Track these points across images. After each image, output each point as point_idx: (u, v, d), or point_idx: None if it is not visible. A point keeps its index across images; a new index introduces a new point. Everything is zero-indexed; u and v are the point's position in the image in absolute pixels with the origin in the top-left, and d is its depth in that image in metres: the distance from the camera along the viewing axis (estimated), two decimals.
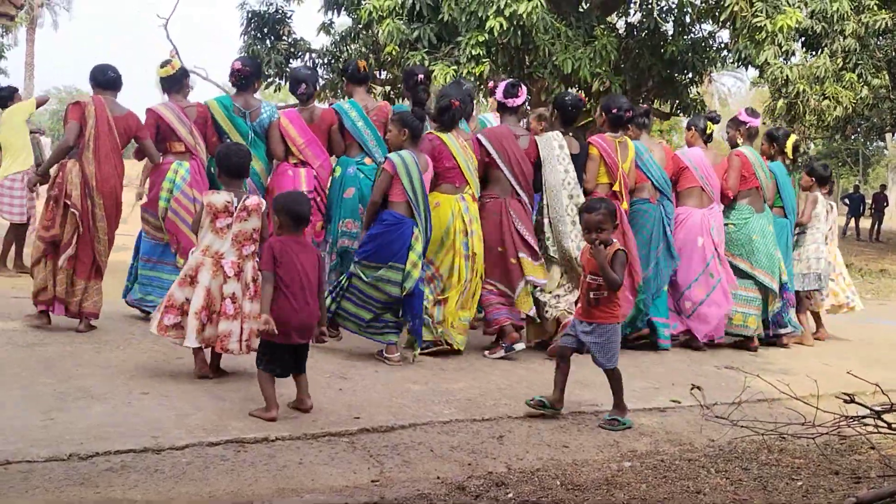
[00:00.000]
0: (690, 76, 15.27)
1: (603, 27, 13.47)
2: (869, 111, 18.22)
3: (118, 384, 4.57)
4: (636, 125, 7.07)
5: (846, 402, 4.14)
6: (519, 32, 12.00)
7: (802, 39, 14.30)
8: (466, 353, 6.06)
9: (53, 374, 4.68)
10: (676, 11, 14.73)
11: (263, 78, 15.08)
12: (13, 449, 3.48)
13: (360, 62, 6.76)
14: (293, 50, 15.71)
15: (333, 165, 6.51)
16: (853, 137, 29.53)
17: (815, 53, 14.58)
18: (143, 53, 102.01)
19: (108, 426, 3.85)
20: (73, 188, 5.66)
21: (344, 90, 6.90)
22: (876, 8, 14.17)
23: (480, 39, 12.01)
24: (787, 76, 12.94)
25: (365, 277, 5.51)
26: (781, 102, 14.49)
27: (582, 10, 14.53)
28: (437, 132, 6.05)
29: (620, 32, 15.17)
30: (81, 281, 5.74)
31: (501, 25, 11.74)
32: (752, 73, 15.02)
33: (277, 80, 15.67)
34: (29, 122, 9.29)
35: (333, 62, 15.79)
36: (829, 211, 8.07)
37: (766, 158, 7.67)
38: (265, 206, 4.85)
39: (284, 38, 15.70)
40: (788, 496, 3.58)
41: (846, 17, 13.35)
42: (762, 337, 7.38)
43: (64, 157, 5.77)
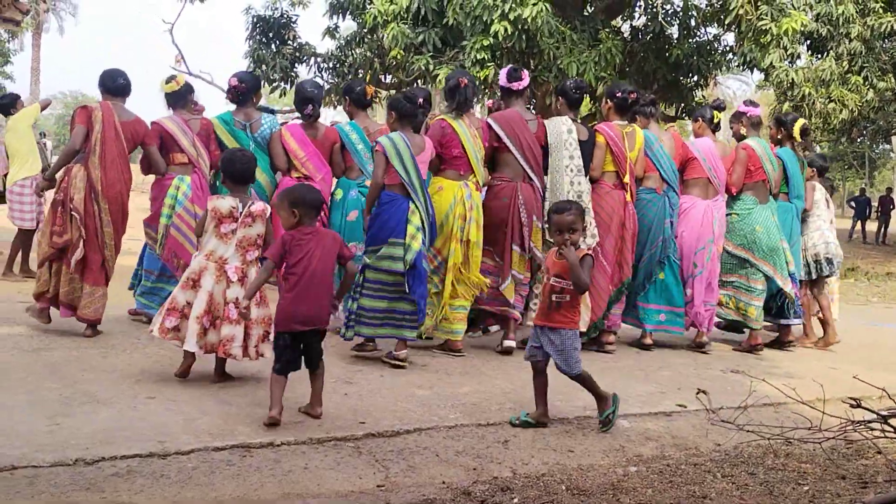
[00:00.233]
0: (695, 79, 15.27)
1: (608, 31, 13.46)
2: (875, 114, 18.20)
3: (124, 389, 4.58)
4: (643, 115, 7.07)
5: (853, 406, 4.13)
6: (524, 36, 12.02)
7: (808, 42, 14.28)
8: (471, 357, 6.07)
9: (59, 378, 4.69)
10: (681, 15, 14.75)
11: (268, 82, 15.13)
12: (19, 454, 3.48)
13: (368, 87, 6.74)
14: (298, 54, 15.74)
15: (334, 186, 6.53)
16: (859, 140, 29.50)
17: (820, 56, 14.56)
18: (143, 54, 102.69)
19: (114, 431, 3.86)
20: (75, 192, 5.68)
21: (346, 109, 6.85)
22: (881, 11, 14.16)
23: (485, 43, 12.03)
24: (792, 79, 12.92)
25: (369, 261, 5.55)
26: (787, 105, 14.46)
27: (587, 13, 14.54)
28: (448, 118, 6.05)
29: (625, 36, 15.18)
30: (88, 286, 5.76)
31: (506, 29, 11.75)
32: (757, 76, 15.00)
33: (283, 84, 15.70)
34: (35, 126, 9.31)
35: (338, 66, 15.82)
36: (828, 199, 8.06)
37: (773, 144, 7.70)
38: (269, 211, 4.85)
39: (289, 42, 15.73)
40: (795, 501, 3.57)
41: (851, 20, 13.34)
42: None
43: (70, 161, 5.79)
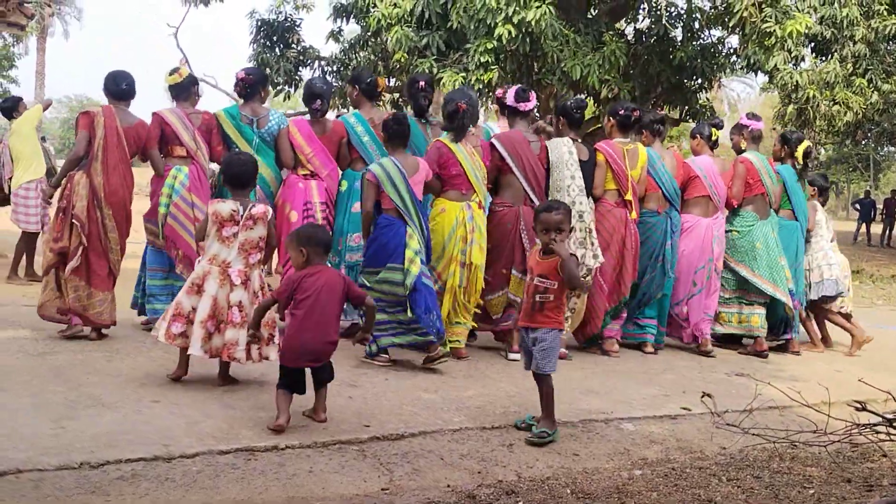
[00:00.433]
0: (699, 82, 15.24)
1: (611, 33, 13.46)
2: (879, 116, 18.17)
3: (128, 392, 4.58)
4: (650, 132, 7.05)
5: (858, 409, 4.13)
6: (527, 39, 12.01)
7: (812, 45, 14.26)
8: (476, 360, 6.07)
9: (64, 381, 4.70)
10: (685, 17, 14.73)
11: (272, 85, 15.14)
12: (24, 457, 3.49)
13: (380, 80, 6.73)
14: (302, 58, 15.76)
15: (340, 178, 6.53)
16: (863, 143, 29.48)
17: (824, 59, 14.53)
18: (144, 54, 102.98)
19: (118, 434, 3.86)
20: (78, 199, 5.66)
21: (351, 99, 6.83)
22: (885, 13, 14.14)
23: (489, 46, 12.03)
24: (796, 82, 12.89)
25: (368, 283, 5.55)
26: (791, 108, 14.44)
27: (590, 16, 14.55)
28: (445, 140, 6.04)
29: (629, 38, 15.16)
30: (98, 292, 5.76)
31: (510, 32, 11.75)
32: (761, 78, 15.03)
33: (287, 87, 15.73)
34: (39, 129, 9.33)
35: (342, 70, 15.84)
36: (828, 219, 8.05)
37: (775, 160, 7.68)
38: (271, 213, 4.86)
39: (293, 46, 15.76)
40: None
41: (856, 22, 13.32)
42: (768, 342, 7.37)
43: (75, 167, 5.79)
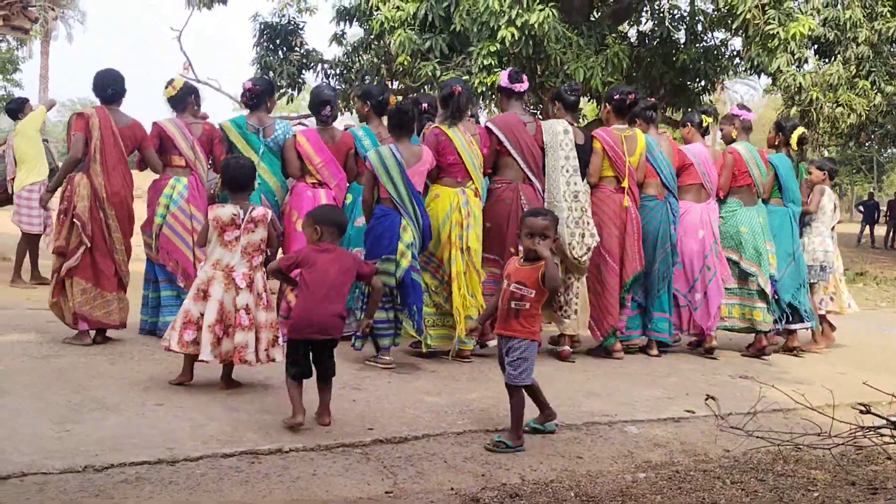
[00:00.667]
0: (703, 84, 15.23)
1: (615, 36, 13.46)
2: (883, 118, 18.09)
3: (132, 396, 4.59)
4: (643, 119, 7.05)
5: (862, 412, 4.13)
6: (530, 42, 12.00)
7: (815, 47, 14.25)
8: (479, 363, 6.07)
9: (68, 385, 4.71)
10: (688, 19, 14.72)
11: (276, 92, 15.13)
12: (28, 461, 3.50)
13: (392, 98, 6.72)
14: (305, 61, 15.76)
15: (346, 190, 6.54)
16: (867, 145, 29.39)
17: (828, 61, 14.52)
18: (145, 55, 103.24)
19: (122, 438, 3.87)
20: (79, 200, 5.67)
21: (360, 113, 6.82)
22: (889, 15, 14.11)
23: (492, 49, 12.02)
24: (800, 84, 12.88)
25: None
26: (795, 110, 14.41)
27: (593, 18, 14.54)
28: (442, 126, 6.04)
29: (632, 41, 15.16)
30: (108, 293, 5.76)
31: (513, 35, 11.75)
32: (764, 80, 14.97)
33: (290, 91, 15.73)
34: (42, 130, 9.37)
35: (345, 73, 15.84)
36: (835, 205, 8.04)
37: (770, 147, 7.75)
38: (270, 215, 4.89)
39: (297, 49, 15.76)
40: None
41: (859, 24, 13.31)
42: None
43: (73, 170, 5.78)
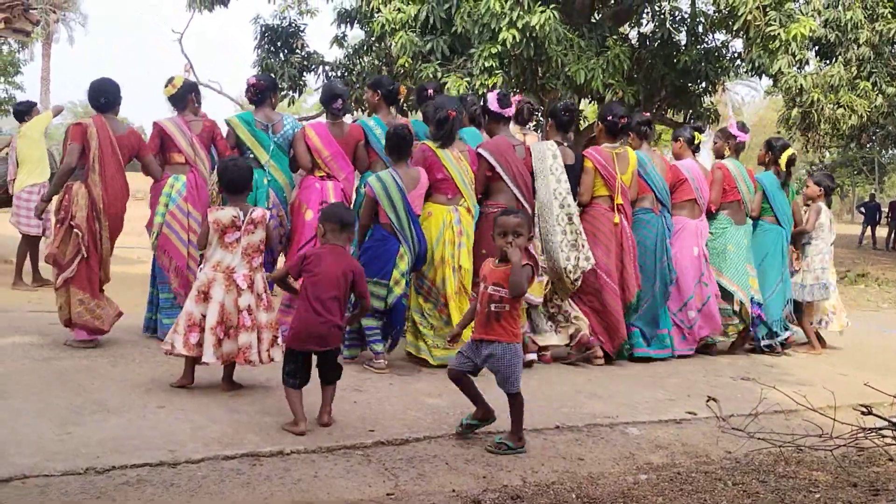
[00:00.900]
0: (704, 86, 15.21)
1: (615, 37, 13.45)
2: (884, 119, 18.13)
3: (134, 398, 4.60)
4: (637, 134, 7.04)
5: (864, 413, 4.13)
6: (531, 44, 11.99)
7: (816, 48, 14.23)
8: None
9: (69, 387, 4.71)
10: (689, 21, 14.71)
11: (279, 91, 15.15)
12: (30, 463, 3.50)
13: (402, 87, 6.77)
14: (306, 63, 15.75)
15: (357, 181, 6.55)
16: (868, 146, 29.38)
17: (829, 62, 14.52)
18: (145, 55, 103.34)
19: (124, 440, 3.87)
20: (77, 210, 5.65)
21: (370, 103, 6.84)
22: (890, 16, 14.11)
23: (493, 51, 12.01)
24: (801, 85, 12.87)
25: None
26: (796, 111, 14.43)
27: (594, 20, 14.52)
28: (430, 143, 6.02)
29: (633, 43, 15.14)
30: (99, 300, 5.77)
31: (514, 37, 11.74)
32: (765, 82, 14.97)
33: (291, 93, 15.73)
34: (46, 134, 9.41)
35: (346, 75, 15.84)
36: (831, 220, 8.03)
37: (759, 165, 7.79)
38: (269, 216, 4.92)
39: (298, 51, 15.75)
40: None
41: (860, 25, 13.30)
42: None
43: (67, 179, 5.76)
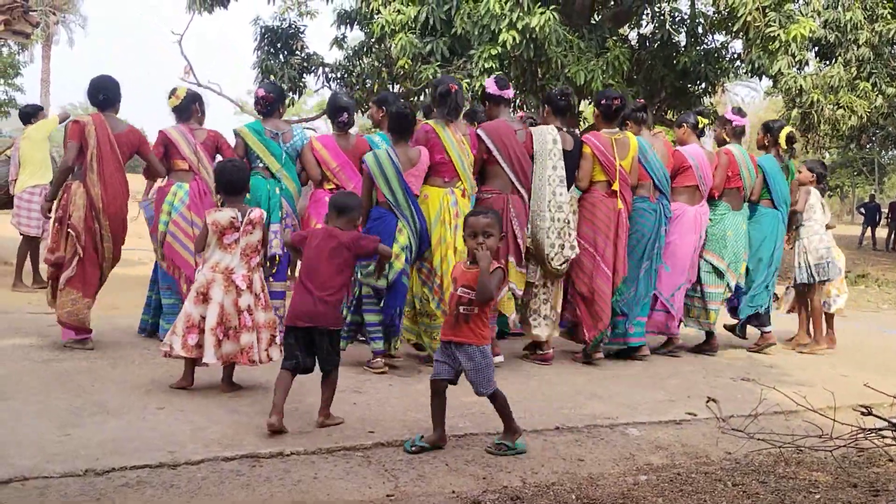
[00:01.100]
0: (703, 87, 15.23)
1: (615, 39, 13.46)
2: (884, 120, 18.14)
3: (133, 399, 4.60)
4: (634, 121, 7.04)
5: (864, 414, 4.12)
6: (531, 45, 12.01)
7: (816, 49, 14.25)
8: None
9: (69, 389, 4.72)
10: (689, 22, 14.74)
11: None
12: (30, 464, 3.50)
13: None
14: (306, 64, 15.76)
15: None
16: (868, 147, 29.42)
17: (828, 63, 14.53)
18: (145, 56, 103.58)
19: (123, 441, 3.87)
20: (74, 209, 5.65)
21: (374, 119, 6.84)
22: (889, 17, 14.11)
23: (493, 52, 12.02)
24: (800, 86, 12.88)
25: (360, 276, 5.55)
26: (796, 112, 14.42)
27: (594, 22, 14.53)
28: (433, 123, 5.99)
29: (633, 44, 15.18)
30: (87, 299, 5.76)
31: (514, 38, 11.75)
32: (765, 83, 14.97)
33: (291, 94, 15.73)
34: (50, 138, 9.45)
35: (346, 76, 15.86)
36: (823, 204, 8.05)
37: (759, 148, 7.83)
38: (265, 216, 4.97)
39: (297, 52, 15.76)
40: None
41: (860, 26, 13.31)
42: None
43: (66, 178, 5.76)
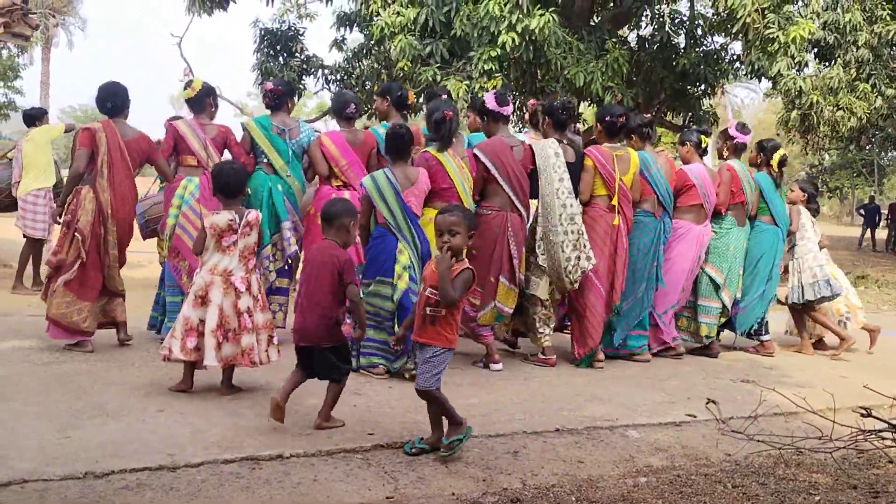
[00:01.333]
0: (703, 88, 15.23)
1: (614, 40, 13.46)
2: (883, 121, 18.11)
3: (133, 402, 4.60)
4: (639, 136, 7.04)
5: (863, 415, 4.13)
6: (531, 47, 12.00)
7: (815, 50, 14.24)
8: (480, 369, 6.08)
9: (69, 391, 4.72)
10: (688, 24, 14.73)
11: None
12: (30, 467, 3.50)
13: (410, 93, 6.81)
14: (306, 66, 15.75)
15: None
16: (868, 148, 29.39)
17: (828, 64, 14.52)
18: (145, 58, 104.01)
19: (123, 444, 3.87)
20: (83, 213, 5.67)
21: (379, 110, 6.87)
22: (888, 18, 14.11)
23: (493, 54, 12.02)
24: (800, 87, 12.88)
25: (363, 295, 5.52)
26: (795, 114, 14.42)
27: (593, 23, 14.54)
28: (434, 151, 6.01)
29: (632, 45, 15.17)
30: (83, 302, 5.76)
31: (514, 40, 11.75)
32: (765, 84, 14.95)
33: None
34: (52, 144, 9.48)
35: (346, 78, 15.85)
36: (813, 222, 8.07)
37: (751, 166, 7.82)
38: (261, 217, 5.01)
39: (297, 54, 15.75)
40: None
41: (859, 27, 13.30)
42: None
43: (77, 183, 5.79)
